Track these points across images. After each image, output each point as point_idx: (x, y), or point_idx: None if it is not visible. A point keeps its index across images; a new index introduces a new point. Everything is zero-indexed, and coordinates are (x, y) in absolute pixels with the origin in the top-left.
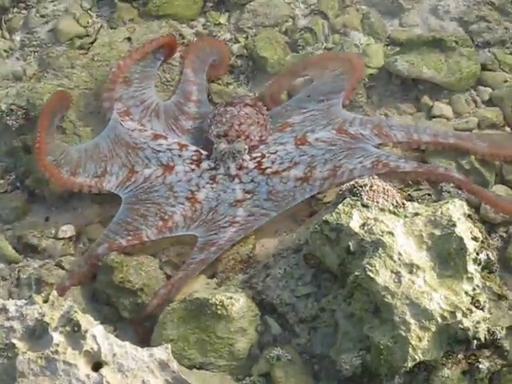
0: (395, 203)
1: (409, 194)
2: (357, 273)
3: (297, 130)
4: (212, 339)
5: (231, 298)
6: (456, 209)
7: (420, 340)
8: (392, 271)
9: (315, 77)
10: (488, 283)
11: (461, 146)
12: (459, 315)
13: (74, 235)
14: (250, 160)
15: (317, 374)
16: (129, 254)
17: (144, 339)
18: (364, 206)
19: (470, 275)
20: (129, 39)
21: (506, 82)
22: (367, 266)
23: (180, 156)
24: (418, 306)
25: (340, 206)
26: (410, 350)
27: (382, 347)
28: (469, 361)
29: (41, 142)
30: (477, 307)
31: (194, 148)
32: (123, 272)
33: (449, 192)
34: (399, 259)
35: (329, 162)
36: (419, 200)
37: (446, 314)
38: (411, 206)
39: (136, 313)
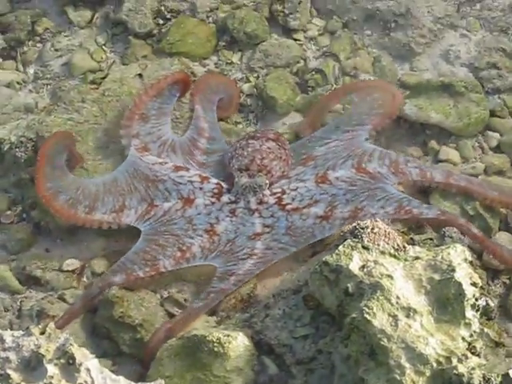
0: (396, 246)
1: (411, 238)
2: (354, 315)
3: (319, 164)
4: (208, 377)
5: (228, 335)
6: (457, 254)
7: None
8: (389, 314)
9: (353, 104)
10: (486, 330)
11: (471, 190)
12: (454, 360)
13: (78, 268)
14: (271, 195)
15: None
16: (130, 289)
17: None
18: (364, 248)
19: (467, 321)
20: (140, 75)
21: None
22: (365, 308)
23: (201, 189)
24: (413, 350)
25: (340, 248)
26: None
27: None
28: None
29: (39, 186)
30: (473, 353)
31: (215, 181)
32: (124, 307)
33: (451, 237)
34: (397, 303)
35: (350, 203)
36: (421, 244)
37: (441, 358)
38: (412, 250)
39: (136, 348)
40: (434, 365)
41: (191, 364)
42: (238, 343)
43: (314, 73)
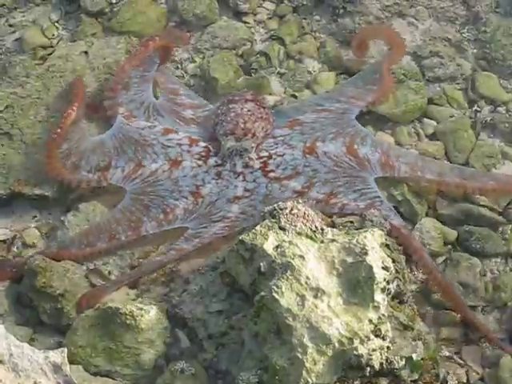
0: (314, 228)
1: (332, 221)
2: (263, 293)
3: (306, 132)
4: (119, 348)
5: (141, 309)
6: (373, 238)
7: (315, 363)
8: (297, 294)
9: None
10: (396, 313)
11: (467, 186)
12: (356, 342)
13: (10, 238)
14: (257, 159)
15: None
16: (56, 260)
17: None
18: (281, 228)
19: (376, 304)
20: (86, 53)
21: (451, 117)
22: (273, 287)
23: (189, 151)
24: (317, 329)
25: (257, 227)
26: (304, 372)
27: (278, 368)
28: None
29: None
30: (377, 336)
31: (203, 144)
32: (46, 277)
33: (371, 221)
34: (306, 283)
35: (327, 185)
36: (340, 227)
37: (344, 339)
38: (330, 233)
39: (55, 318)
40: (336, 345)
41: (104, 335)
42: (151, 316)
43: (258, 56)
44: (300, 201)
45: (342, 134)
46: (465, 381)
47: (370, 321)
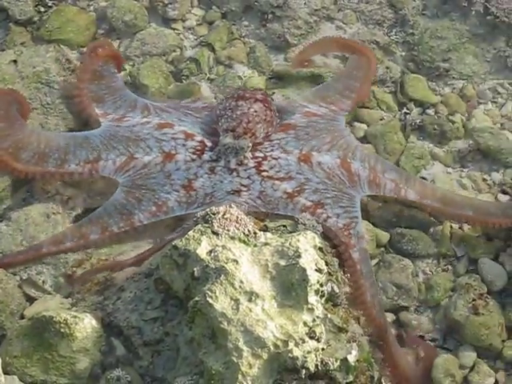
0: (247, 232)
1: (265, 225)
2: (197, 298)
3: (301, 137)
4: (54, 358)
5: (76, 316)
6: (306, 241)
7: (250, 367)
8: (231, 298)
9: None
10: (330, 315)
11: (445, 212)
12: (291, 344)
13: None
14: (252, 158)
15: None
16: None
17: None
18: (214, 233)
19: (310, 306)
20: (15, 62)
21: (381, 119)
22: (207, 291)
23: (184, 145)
24: (251, 333)
25: (190, 232)
26: (240, 376)
27: (213, 372)
28: None
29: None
30: (311, 338)
31: (199, 138)
32: None
33: (304, 224)
34: (240, 287)
35: (317, 194)
36: (273, 231)
37: (278, 342)
38: (263, 236)
39: None
40: (272, 348)
41: (38, 344)
42: (85, 324)
43: (188, 62)
44: (233, 205)
45: (337, 146)
46: None
47: (305, 323)
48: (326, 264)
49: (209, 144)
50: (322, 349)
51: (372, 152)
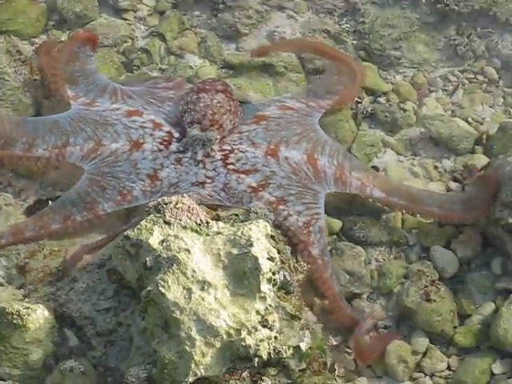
0: (199, 221)
1: (217, 214)
2: (150, 288)
3: (272, 129)
4: (7, 349)
5: (28, 308)
6: (258, 229)
7: (203, 356)
8: (184, 287)
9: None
10: (282, 303)
11: (413, 209)
12: (244, 333)
13: None
14: (219, 151)
15: None
16: None
17: None
18: (166, 223)
19: (262, 294)
20: None
21: None
22: (160, 281)
23: (151, 135)
24: (204, 322)
25: (142, 222)
26: (193, 365)
27: (166, 361)
28: (253, 379)
29: None
30: (264, 326)
31: (167, 129)
32: None
33: (256, 213)
34: (192, 276)
35: (281, 189)
36: (225, 220)
37: (231, 331)
38: (216, 226)
39: None
40: (224, 337)
41: None
42: (38, 315)
43: (139, 52)
44: (185, 195)
45: (306, 138)
46: (353, 369)
47: (257, 312)
48: (279, 252)
49: (176, 135)
50: (275, 337)
51: (341, 148)
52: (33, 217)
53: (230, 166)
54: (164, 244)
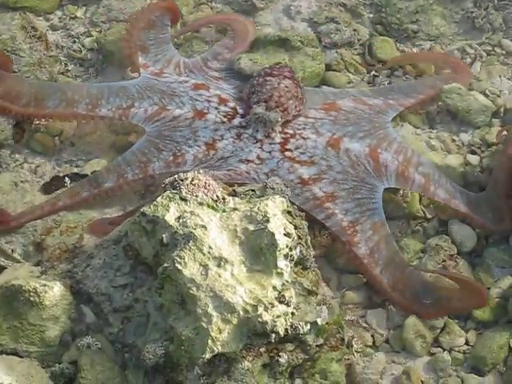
0: (215, 198)
1: (233, 190)
2: (166, 264)
3: (339, 122)
4: (24, 326)
5: (45, 285)
6: (275, 205)
7: (220, 332)
8: (200, 264)
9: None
10: (299, 279)
11: (469, 217)
12: (261, 309)
13: None
14: (280, 133)
15: (126, 363)
16: None
17: None
18: (182, 199)
19: (279, 270)
20: None
21: (349, 82)
22: (176, 258)
23: (216, 108)
24: (221, 298)
25: (159, 199)
26: (210, 341)
27: (183, 338)
28: (270, 354)
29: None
30: (281, 302)
31: (232, 104)
32: None
33: (273, 188)
34: (209, 252)
35: (333, 185)
36: (242, 195)
37: (248, 307)
38: (232, 202)
39: None
40: (241, 313)
41: (8, 313)
42: (55, 292)
43: None
44: (201, 171)
45: (372, 135)
46: (370, 344)
47: (274, 287)
48: (295, 228)
49: (240, 111)
50: (292, 313)
51: (411, 146)
52: (86, 178)
53: (287, 153)
54: (180, 220)
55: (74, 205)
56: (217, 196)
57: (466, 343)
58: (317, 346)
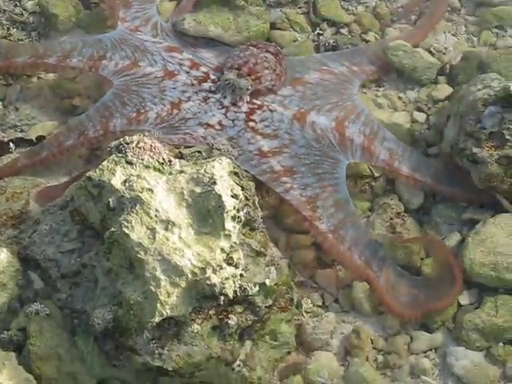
0: (161, 160)
1: (180, 152)
2: (113, 229)
3: (307, 96)
4: None
5: None
6: (221, 166)
7: (169, 296)
8: (148, 227)
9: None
10: (247, 240)
11: (435, 189)
12: (209, 271)
13: None
14: (247, 103)
15: (75, 329)
16: None
17: None
18: (128, 162)
19: (227, 232)
20: None
21: (295, 41)
22: (123, 222)
23: (187, 72)
24: (169, 262)
25: (104, 163)
26: (159, 305)
27: (132, 302)
28: (220, 317)
29: None
30: (229, 264)
31: (205, 70)
32: None
33: (219, 149)
34: (156, 216)
35: (292, 160)
36: (188, 157)
37: (196, 270)
38: (178, 164)
39: None
40: (190, 276)
41: None
42: (1, 259)
43: None
44: (146, 134)
45: (340, 107)
46: (320, 304)
47: (222, 249)
48: (242, 189)
49: (212, 77)
50: (241, 275)
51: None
52: (47, 138)
53: (251, 123)
54: (127, 184)
55: (34, 165)
56: (163, 159)
57: None
58: (266, 307)
